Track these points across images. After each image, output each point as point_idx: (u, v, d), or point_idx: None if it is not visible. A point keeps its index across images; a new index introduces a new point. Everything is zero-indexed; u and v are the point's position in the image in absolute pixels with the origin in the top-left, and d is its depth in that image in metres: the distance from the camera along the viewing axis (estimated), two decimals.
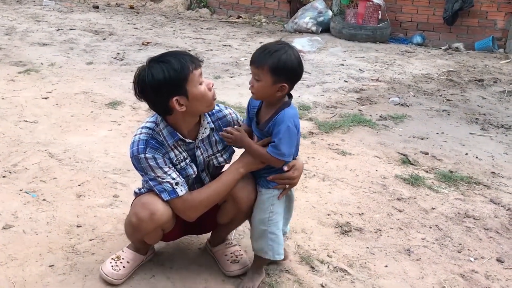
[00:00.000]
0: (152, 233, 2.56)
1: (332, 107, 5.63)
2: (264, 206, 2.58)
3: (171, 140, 2.47)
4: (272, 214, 2.58)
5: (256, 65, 2.39)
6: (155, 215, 2.43)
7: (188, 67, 2.33)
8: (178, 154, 2.50)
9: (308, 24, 9.77)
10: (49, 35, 8.46)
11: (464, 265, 2.98)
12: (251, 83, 2.43)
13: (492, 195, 3.83)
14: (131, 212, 2.53)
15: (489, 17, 9.22)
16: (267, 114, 2.49)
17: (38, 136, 4.39)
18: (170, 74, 2.31)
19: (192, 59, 2.37)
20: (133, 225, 2.50)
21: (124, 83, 6.05)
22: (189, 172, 2.54)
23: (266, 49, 2.40)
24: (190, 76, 2.33)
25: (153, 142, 2.43)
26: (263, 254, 2.63)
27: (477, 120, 5.51)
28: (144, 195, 2.52)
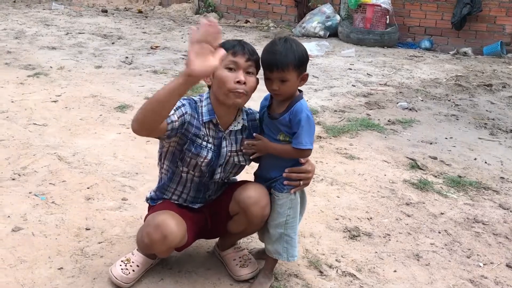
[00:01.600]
0: (164, 252, 2.58)
1: (340, 111, 5.63)
2: (281, 210, 2.58)
3: (206, 117, 2.50)
4: (290, 218, 2.59)
5: (281, 68, 2.39)
6: (168, 239, 2.43)
7: (227, 48, 2.37)
8: (205, 134, 2.52)
9: (316, 29, 9.79)
10: (58, 38, 8.51)
11: (473, 271, 2.96)
12: (276, 88, 2.43)
13: (501, 200, 3.81)
14: (144, 231, 2.51)
15: (497, 22, 9.20)
16: (282, 106, 2.52)
17: (47, 139, 4.41)
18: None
19: (239, 46, 2.43)
20: (146, 245, 2.51)
21: (133, 86, 6.07)
22: (202, 153, 2.52)
23: (276, 50, 2.41)
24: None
25: (193, 105, 2.49)
26: (277, 256, 2.64)
27: (485, 125, 5.49)
28: (159, 213, 2.50)
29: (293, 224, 2.61)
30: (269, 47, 2.46)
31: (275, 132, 2.55)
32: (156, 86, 6.11)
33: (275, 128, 2.54)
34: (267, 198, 2.57)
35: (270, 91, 2.49)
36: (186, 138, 2.50)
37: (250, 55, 2.44)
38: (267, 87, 2.49)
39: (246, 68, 2.44)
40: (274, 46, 2.44)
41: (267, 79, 2.46)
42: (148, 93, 5.81)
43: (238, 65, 2.41)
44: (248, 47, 2.47)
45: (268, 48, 2.46)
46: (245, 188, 2.58)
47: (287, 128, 2.50)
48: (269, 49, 2.45)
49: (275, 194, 2.59)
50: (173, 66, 7.21)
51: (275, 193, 2.59)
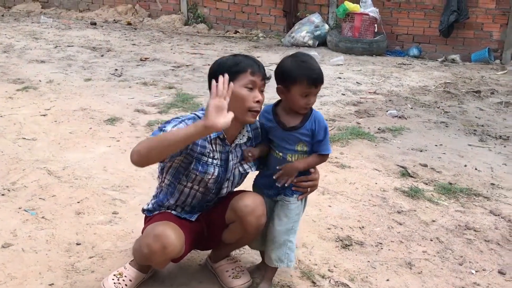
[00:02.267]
0: (161, 263, 2.57)
1: (330, 120, 5.64)
2: (291, 215, 2.63)
3: (214, 134, 2.48)
4: (296, 224, 2.66)
5: (322, 83, 2.51)
6: (167, 249, 2.42)
7: (246, 66, 2.44)
8: (210, 150, 2.52)
9: (305, 38, 9.82)
10: (47, 52, 8.49)
11: (465, 278, 2.96)
12: (313, 102, 2.52)
13: (492, 206, 3.82)
14: (143, 242, 2.49)
15: (484, 28, 9.27)
16: (295, 117, 2.56)
17: (37, 154, 4.38)
18: (227, 63, 2.47)
19: (257, 65, 2.47)
20: (144, 255, 2.49)
21: (123, 99, 6.06)
22: (209, 171, 2.53)
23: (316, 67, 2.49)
24: (242, 74, 2.43)
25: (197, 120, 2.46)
26: (279, 264, 2.66)
27: (475, 132, 5.52)
28: (158, 224, 2.49)
29: (296, 229, 2.67)
30: (306, 64, 2.48)
31: (292, 143, 2.57)
32: (146, 98, 6.11)
33: (294, 138, 2.56)
34: (264, 208, 2.57)
35: (305, 105, 2.50)
36: (191, 157, 2.50)
37: (264, 74, 2.49)
38: (303, 104, 2.49)
39: (261, 87, 2.49)
40: (312, 62, 2.50)
41: (303, 96, 2.47)
42: (138, 105, 5.80)
43: (256, 84, 2.45)
44: (261, 64, 2.51)
45: (304, 64, 2.47)
46: (242, 197, 2.59)
47: (308, 137, 2.55)
48: (307, 66, 2.47)
49: (285, 200, 2.63)
50: (163, 77, 7.20)
51: (286, 198, 2.63)
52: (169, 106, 5.80)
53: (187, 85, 6.82)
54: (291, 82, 2.47)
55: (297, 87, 2.46)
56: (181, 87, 6.67)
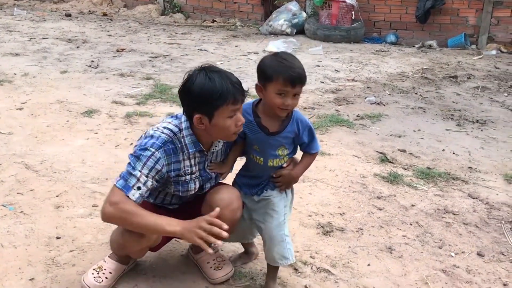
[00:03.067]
0: (138, 252, 2.55)
1: (309, 108, 5.65)
2: (279, 208, 2.58)
3: (192, 149, 2.45)
4: (286, 216, 2.62)
5: (303, 83, 2.38)
6: (143, 238, 2.41)
7: (227, 98, 2.28)
8: (188, 166, 2.48)
9: (283, 26, 9.80)
10: (21, 44, 8.35)
11: (445, 261, 3.01)
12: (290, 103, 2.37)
13: (470, 190, 3.87)
14: (118, 231, 2.48)
15: (460, 14, 9.35)
16: (275, 121, 2.48)
17: (14, 148, 4.32)
18: (206, 93, 2.29)
19: (237, 92, 2.31)
20: (120, 245, 2.49)
21: (100, 91, 5.99)
22: (190, 187, 2.53)
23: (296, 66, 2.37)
24: (224, 107, 2.29)
25: (170, 147, 2.40)
26: (284, 261, 2.59)
27: (452, 116, 5.58)
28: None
29: (287, 222, 2.63)
30: (285, 63, 2.35)
31: (274, 147, 2.51)
32: (124, 90, 6.05)
33: (275, 143, 2.50)
34: (239, 202, 2.56)
35: (283, 106, 2.37)
36: (168, 182, 2.50)
37: (243, 94, 2.37)
38: (278, 103, 2.36)
39: (241, 105, 2.40)
40: (291, 61, 2.38)
41: (280, 95, 2.35)
42: (115, 97, 5.74)
43: (237, 109, 2.35)
44: (239, 83, 2.36)
45: (284, 62, 2.36)
46: (217, 191, 2.58)
47: (290, 139, 2.51)
48: (286, 64, 2.35)
49: (269, 192, 2.59)
50: (140, 68, 7.14)
51: (268, 192, 2.59)
52: (147, 97, 5.75)
53: (165, 75, 6.77)
54: (267, 79, 2.36)
55: (272, 85, 2.34)
56: (159, 77, 6.62)
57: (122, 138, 4.59)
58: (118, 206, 2.32)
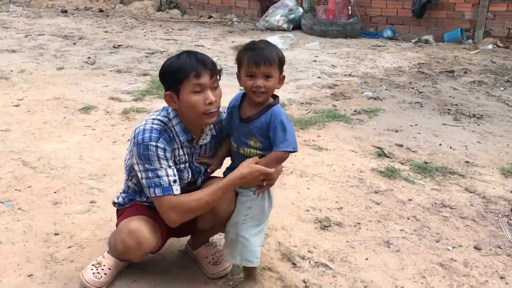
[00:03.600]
0: (138, 257, 2.56)
1: (306, 104, 5.66)
2: (241, 207, 2.52)
3: (183, 137, 2.45)
4: (247, 218, 2.51)
5: (269, 62, 2.35)
6: (143, 245, 2.41)
7: (189, 71, 2.30)
8: (181, 155, 2.48)
9: (280, 22, 9.81)
10: (17, 41, 8.33)
11: (442, 254, 3.02)
12: (261, 85, 2.36)
13: (467, 184, 3.89)
14: (117, 238, 2.47)
15: (456, 8, 9.37)
16: (255, 109, 2.46)
17: (11, 145, 4.31)
18: (171, 69, 2.35)
19: (200, 66, 2.31)
20: (120, 251, 2.48)
21: (97, 87, 5.99)
22: (184, 176, 2.52)
23: (260, 46, 2.38)
24: (186, 80, 2.31)
25: (166, 135, 2.40)
26: (231, 260, 2.56)
27: (449, 111, 5.59)
28: (132, 220, 2.46)
29: (249, 225, 2.52)
30: (252, 45, 2.40)
31: (246, 136, 2.48)
32: (121, 86, 6.04)
33: (247, 132, 2.46)
34: (232, 195, 2.53)
35: (254, 88, 2.37)
36: None
37: (212, 70, 2.37)
38: (249, 86, 2.37)
39: (212, 84, 2.37)
40: (258, 44, 2.41)
41: (250, 76, 2.37)
42: (112, 93, 5.73)
43: (203, 85, 2.33)
44: (207, 61, 2.37)
45: (251, 46, 2.40)
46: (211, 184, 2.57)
47: (261, 131, 2.43)
48: (253, 47, 2.39)
49: (239, 190, 2.53)
50: (137, 64, 7.13)
51: (239, 189, 2.53)
52: (144, 93, 5.75)
53: None
54: (239, 65, 2.41)
55: (243, 69, 2.38)
56: (156, 73, 6.61)
57: (119, 134, 4.59)
58: (176, 210, 2.38)
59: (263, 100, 2.43)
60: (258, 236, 2.55)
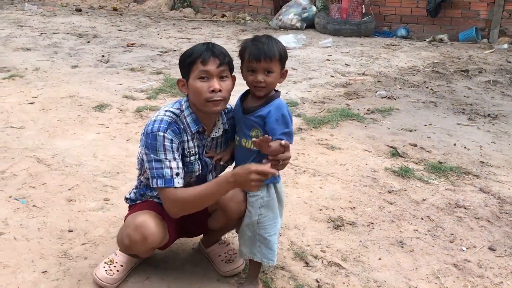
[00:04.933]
0: (145, 253, 2.56)
1: (320, 103, 5.64)
2: (252, 209, 2.52)
3: (194, 128, 2.46)
4: (262, 217, 2.51)
5: (269, 58, 2.37)
6: (148, 240, 2.41)
7: (196, 57, 2.37)
8: (191, 147, 2.50)
9: (293, 21, 9.78)
10: (32, 39, 8.40)
11: (456, 255, 3.00)
12: (262, 80, 2.39)
13: (482, 184, 3.85)
14: (124, 233, 2.48)
15: (472, 7, 9.29)
16: (257, 102, 2.47)
17: (26, 142, 4.35)
18: (184, 56, 2.45)
19: (207, 53, 2.37)
20: (126, 246, 2.49)
21: (111, 85, 6.02)
22: (195, 168, 2.53)
23: (261, 42, 2.41)
24: (193, 66, 2.38)
25: (175, 127, 2.42)
26: (252, 256, 2.56)
27: (464, 111, 5.55)
28: (139, 214, 2.48)
29: (267, 224, 2.52)
30: (253, 40, 2.44)
31: (247, 127, 2.48)
32: (134, 84, 6.07)
33: (249, 123, 2.47)
34: (243, 194, 2.53)
35: (255, 83, 2.40)
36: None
37: (222, 59, 2.39)
38: (250, 80, 2.41)
39: (219, 74, 2.39)
40: (259, 39, 2.44)
41: (251, 71, 2.41)
42: (126, 91, 5.76)
43: (210, 73, 2.36)
44: (218, 50, 2.40)
45: (252, 41, 2.44)
46: None
47: (263, 122, 2.43)
48: (254, 42, 2.43)
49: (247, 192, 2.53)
50: (151, 63, 7.15)
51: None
52: (157, 91, 5.76)
53: (175, 70, 6.77)
54: (241, 60, 2.46)
55: (244, 64, 2.43)
56: (169, 72, 6.63)
57: (133, 132, 4.61)
58: (176, 202, 2.40)
59: (264, 94, 2.46)
60: (276, 235, 2.57)
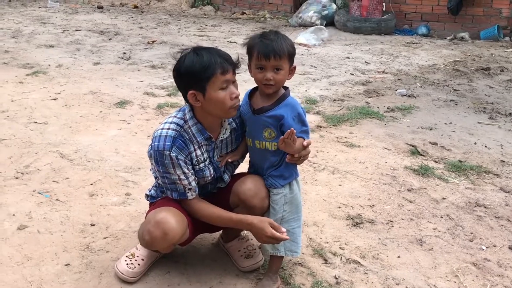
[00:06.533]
0: (165, 248, 2.59)
1: (339, 100, 5.64)
2: (277, 206, 2.56)
3: (200, 137, 2.49)
4: (286, 213, 2.57)
5: (279, 56, 2.38)
6: (168, 236, 2.44)
7: (215, 69, 2.34)
8: (199, 154, 2.52)
9: (313, 18, 9.77)
10: (55, 36, 8.51)
11: (476, 254, 2.99)
12: (271, 77, 2.40)
13: (502, 183, 3.83)
14: (145, 229, 2.51)
15: (494, 5, 9.18)
16: (268, 101, 2.49)
17: (49, 137, 4.42)
18: (195, 68, 2.36)
19: (225, 62, 2.37)
20: (147, 242, 2.52)
21: (132, 82, 6.08)
22: (206, 174, 2.57)
23: (272, 39, 2.41)
24: (213, 78, 2.35)
25: (180, 141, 2.44)
26: (275, 251, 2.60)
27: (484, 109, 5.51)
28: (159, 210, 2.51)
29: (290, 218, 2.58)
30: (262, 37, 2.44)
31: (259, 127, 2.51)
32: (155, 81, 6.12)
33: (261, 124, 2.49)
34: (266, 190, 2.57)
35: (263, 81, 2.42)
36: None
37: (235, 66, 2.42)
38: (259, 78, 2.43)
39: (233, 79, 2.43)
40: (268, 36, 2.44)
41: (260, 69, 2.42)
42: (147, 88, 5.82)
43: (229, 81, 2.40)
44: (227, 57, 2.42)
45: (261, 38, 2.44)
46: (244, 181, 2.60)
47: (277, 123, 2.46)
48: (262, 39, 2.43)
49: (270, 189, 2.57)
50: (171, 60, 7.10)
51: (270, 188, 2.56)
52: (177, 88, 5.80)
53: None
54: (249, 57, 2.46)
55: (253, 61, 2.44)
56: None
57: (153, 128, 4.63)
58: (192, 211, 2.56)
59: (273, 92, 2.47)
60: (299, 228, 2.62)
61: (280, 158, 2.52)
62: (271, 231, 2.40)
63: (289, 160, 2.48)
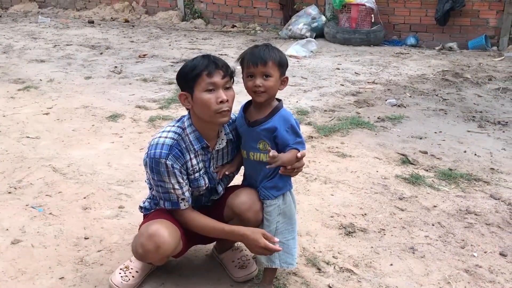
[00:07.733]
0: (158, 261, 2.60)
1: (330, 111, 5.69)
2: (271, 217, 2.58)
3: (197, 145, 2.51)
4: (279, 224, 2.59)
5: (264, 62, 2.43)
6: (161, 248, 2.45)
7: (201, 69, 2.40)
8: (195, 164, 2.54)
9: (302, 30, 9.84)
10: (46, 51, 8.52)
11: (467, 261, 3.02)
12: (260, 84, 2.44)
13: (492, 190, 3.87)
14: (138, 242, 2.52)
15: (481, 15, 9.29)
16: (261, 113, 2.52)
17: (41, 152, 4.43)
18: (186, 69, 2.46)
19: (212, 64, 2.41)
20: (140, 255, 2.53)
21: (123, 95, 6.10)
22: (200, 184, 2.59)
23: (258, 48, 2.49)
24: (199, 79, 2.40)
25: (177, 150, 2.46)
26: (270, 264, 2.61)
27: (474, 118, 5.57)
28: (152, 223, 2.51)
29: (284, 230, 2.60)
30: (251, 48, 2.52)
31: (254, 139, 2.54)
32: (147, 94, 6.15)
33: (255, 136, 2.53)
34: (260, 203, 2.59)
35: (254, 88, 2.45)
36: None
37: (225, 71, 2.44)
38: (250, 86, 2.47)
39: (224, 85, 2.44)
40: (258, 47, 2.52)
41: (250, 77, 2.47)
42: (139, 102, 5.84)
43: (216, 85, 2.41)
44: (220, 62, 2.46)
45: (251, 49, 2.52)
46: (238, 194, 2.62)
47: (270, 134, 2.49)
48: (252, 49, 2.51)
49: (263, 201, 2.58)
50: (163, 73, 7.24)
51: (264, 200, 2.58)
52: (169, 101, 5.84)
53: None
54: (241, 68, 2.53)
55: (244, 71, 2.50)
56: None
57: (146, 141, 4.67)
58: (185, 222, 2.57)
59: (264, 100, 2.50)
60: (294, 239, 2.64)
61: (274, 169, 2.54)
62: (264, 241, 2.43)
63: (282, 172, 2.51)
